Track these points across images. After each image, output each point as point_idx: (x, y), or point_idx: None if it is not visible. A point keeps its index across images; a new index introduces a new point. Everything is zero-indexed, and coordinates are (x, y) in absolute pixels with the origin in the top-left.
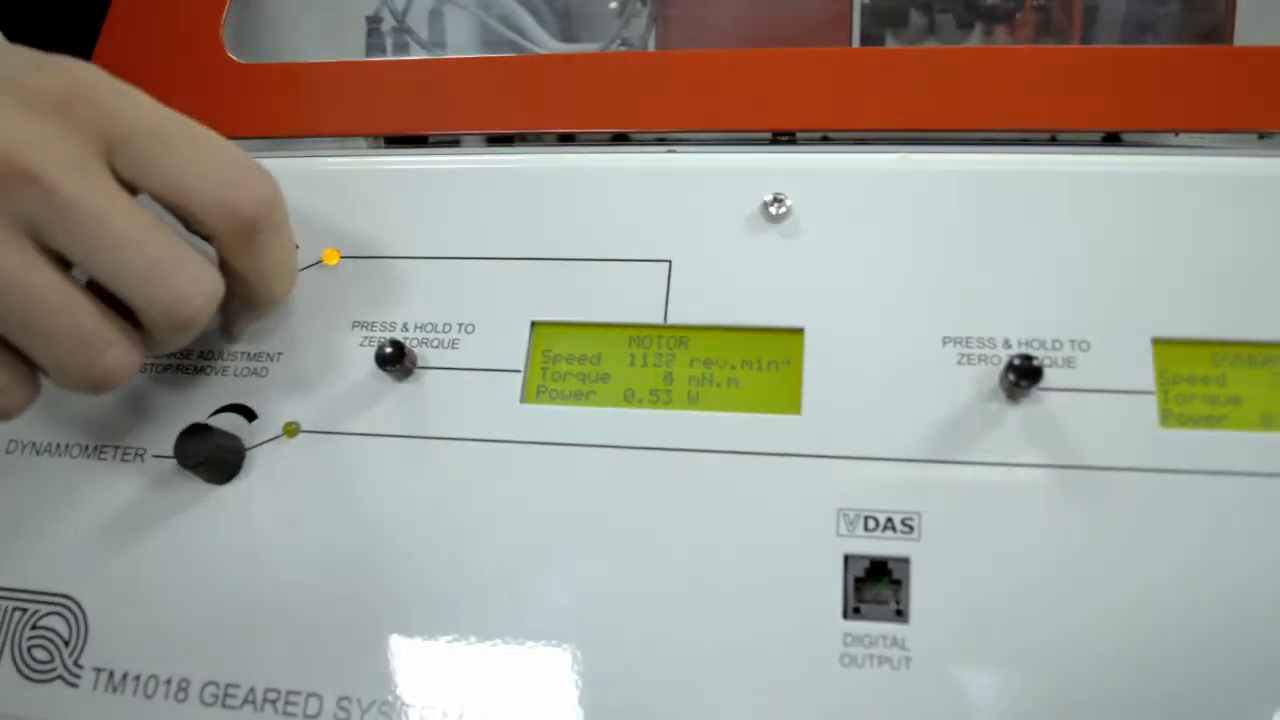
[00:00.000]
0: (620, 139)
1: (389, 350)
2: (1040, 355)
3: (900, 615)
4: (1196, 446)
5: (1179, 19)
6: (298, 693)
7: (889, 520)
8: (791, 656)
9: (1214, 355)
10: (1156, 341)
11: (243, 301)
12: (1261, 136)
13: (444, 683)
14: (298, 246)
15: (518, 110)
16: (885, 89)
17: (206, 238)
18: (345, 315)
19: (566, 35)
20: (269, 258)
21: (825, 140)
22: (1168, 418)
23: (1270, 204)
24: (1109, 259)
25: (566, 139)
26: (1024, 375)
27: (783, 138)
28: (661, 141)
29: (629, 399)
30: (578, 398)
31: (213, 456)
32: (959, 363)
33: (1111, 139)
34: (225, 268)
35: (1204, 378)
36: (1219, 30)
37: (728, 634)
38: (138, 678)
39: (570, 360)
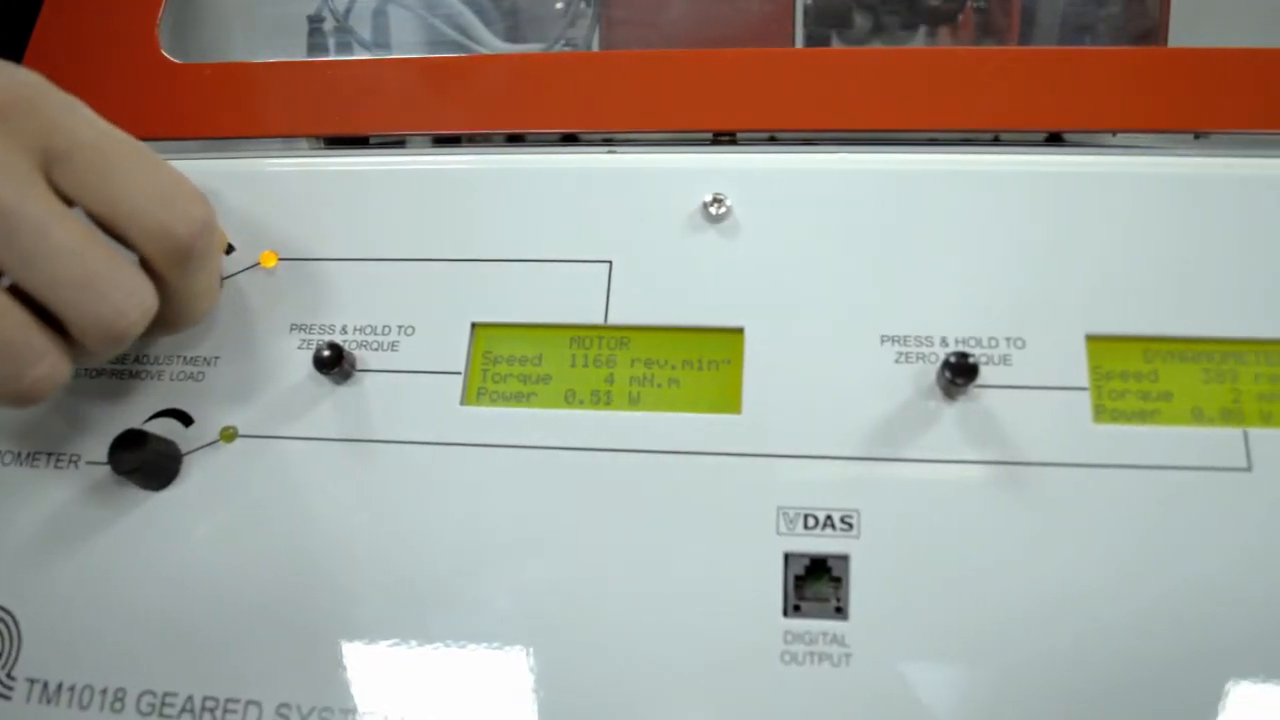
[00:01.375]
0: (569, 139)
1: (327, 353)
2: (977, 353)
3: (840, 612)
4: (1129, 441)
5: (1115, 21)
6: (236, 700)
7: (828, 518)
8: (733, 655)
9: (1146, 351)
10: (1090, 338)
11: (160, 320)
12: (1197, 136)
13: (385, 688)
14: (234, 249)
15: (461, 111)
16: (827, 90)
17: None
18: (283, 318)
19: (510, 35)
20: (198, 282)
21: (772, 140)
22: (1101, 413)
23: (1203, 202)
24: (1045, 257)
25: (514, 139)
26: (960, 373)
27: (723, 138)
28: (608, 142)
29: (570, 400)
30: (519, 399)
31: (148, 463)
32: (897, 361)
33: (1054, 139)
34: None
35: (1136, 374)
36: (1154, 32)
37: (669, 634)
38: (73, 688)
39: (511, 361)
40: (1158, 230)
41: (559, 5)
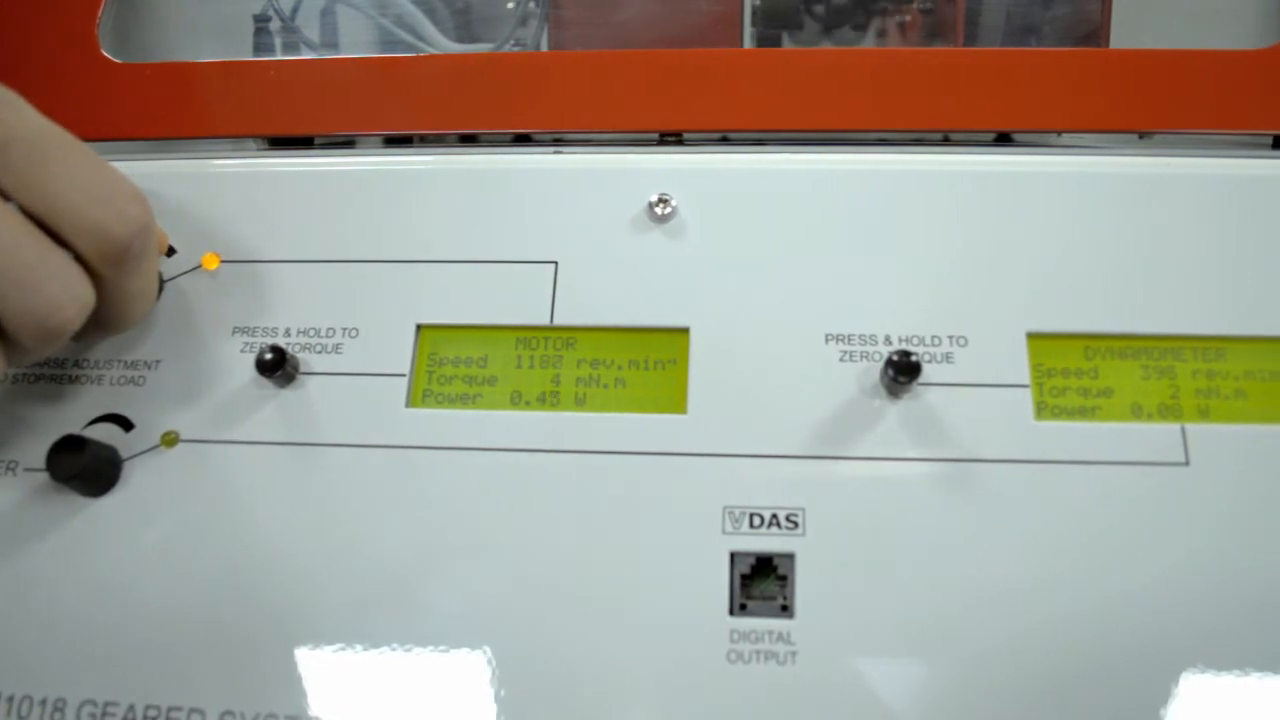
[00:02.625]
0: (522, 140)
1: (269, 356)
2: (920, 351)
3: (786, 610)
4: (1070, 438)
5: (1058, 23)
6: (179, 708)
7: (774, 517)
8: (679, 655)
9: (1087, 349)
10: (1031, 336)
11: (96, 321)
12: (1142, 136)
13: (332, 694)
14: (175, 251)
15: (407, 111)
16: (775, 90)
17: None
18: (225, 321)
19: (459, 35)
20: (133, 283)
21: (724, 141)
22: (1042, 410)
23: (1145, 201)
24: (989, 256)
25: (467, 140)
26: (902, 371)
27: (670, 138)
28: (559, 142)
29: (516, 401)
30: (464, 401)
31: (87, 469)
32: (841, 360)
33: (1003, 139)
34: None
35: (1077, 370)
36: (1096, 34)
37: (616, 635)
38: (10, 699)
39: (456, 363)
40: (1100, 229)
41: (510, 5)
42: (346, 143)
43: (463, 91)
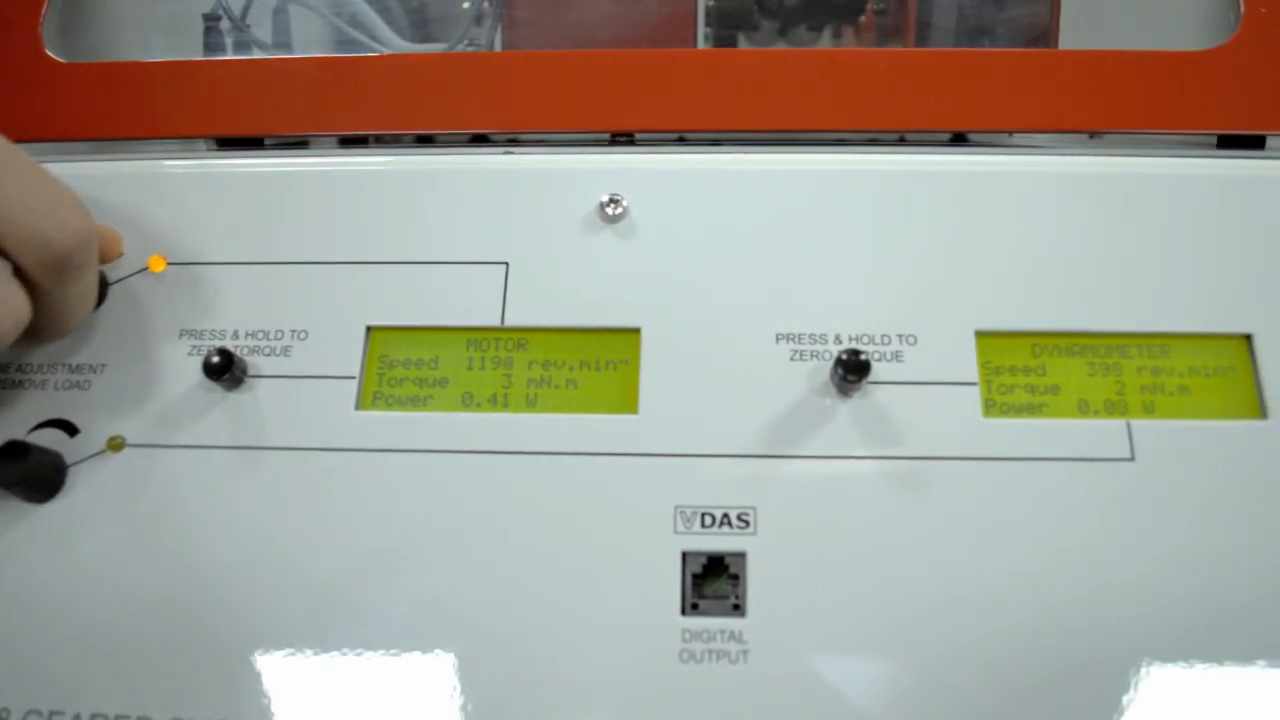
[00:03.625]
0: (480, 140)
1: (216, 360)
2: (869, 350)
3: (738, 609)
4: (1018, 434)
5: (1008, 24)
6: (126, 716)
7: (725, 516)
8: (632, 655)
9: (1034, 346)
10: (980, 334)
11: (32, 329)
12: (1092, 136)
13: (283, 698)
14: (122, 253)
15: (360, 111)
16: (728, 90)
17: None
18: (172, 324)
19: (412, 35)
20: (72, 294)
21: (681, 141)
22: (991, 407)
23: (1092, 200)
24: (939, 255)
25: (424, 140)
26: (852, 370)
27: (621, 138)
28: (514, 142)
29: (467, 403)
30: (415, 403)
31: (31, 474)
32: (792, 359)
33: (959, 139)
34: None
35: (1025, 368)
36: (1045, 35)
37: (569, 636)
38: None
39: (407, 365)
40: (1048, 228)
41: (465, 5)
42: (300, 143)
43: (415, 91)
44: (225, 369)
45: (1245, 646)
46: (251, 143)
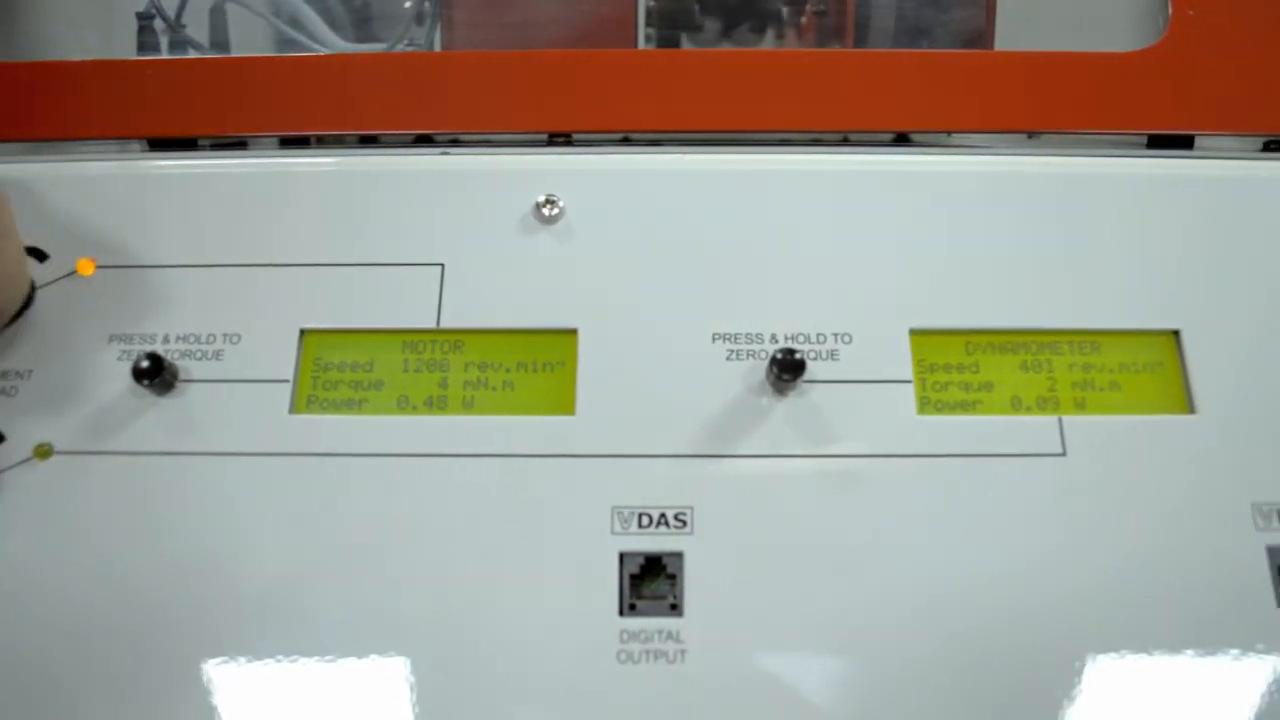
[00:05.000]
0: (424, 140)
1: (146, 364)
2: (805, 349)
3: (675, 609)
4: (952, 431)
5: (944, 26)
6: None
7: (662, 516)
8: (570, 657)
9: (968, 344)
10: (914, 332)
11: None
12: (1030, 136)
13: (217, 706)
14: (48, 256)
15: (294, 111)
16: (668, 91)
17: None
18: (101, 328)
19: (350, 35)
20: None
21: (626, 141)
22: (925, 405)
23: (1028, 199)
24: (873, 254)
25: (368, 140)
26: (786, 369)
27: (558, 139)
28: (455, 143)
29: (403, 405)
30: (350, 406)
31: None
32: (728, 359)
33: (902, 139)
34: None
35: (959, 365)
36: (981, 37)
37: (506, 638)
38: None
39: (342, 368)
40: (983, 227)
41: (406, 4)
42: (238, 144)
43: (352, 92)
44: (155, 373)
45: (1175, 636)
46: (185, 144)
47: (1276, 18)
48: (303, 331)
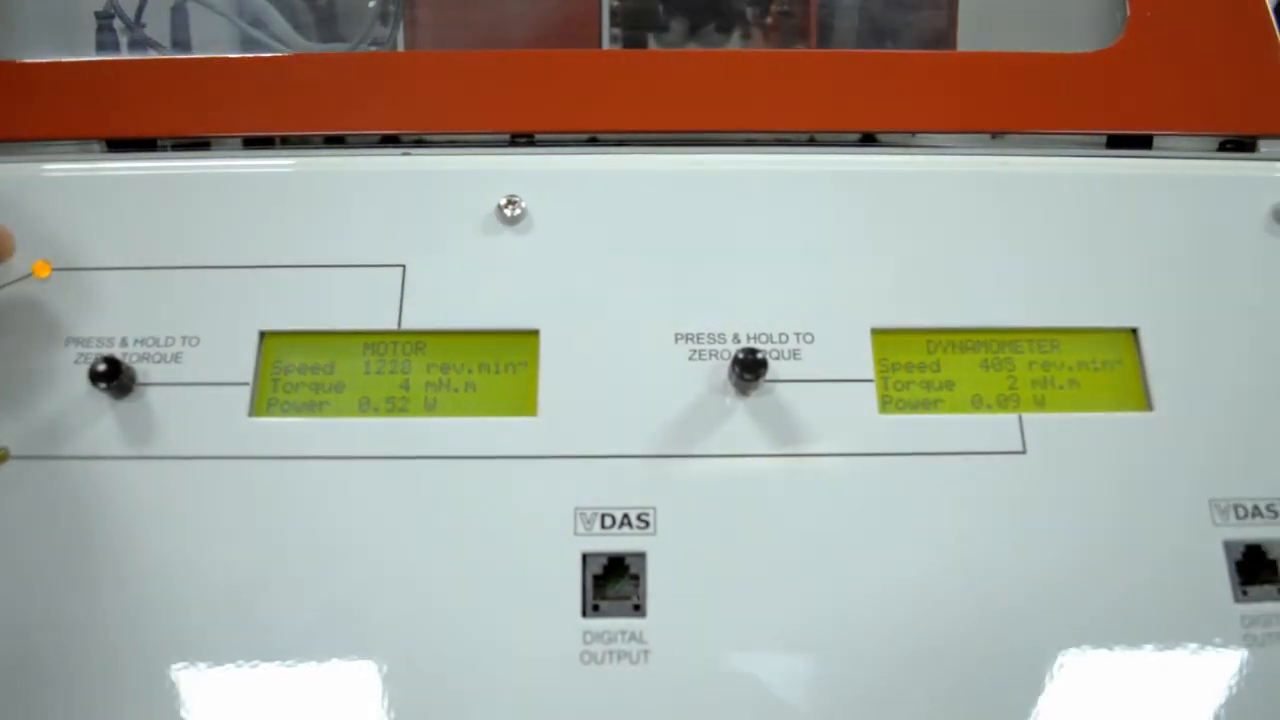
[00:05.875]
0: (391, 141)
1: (103, 367)
2: (767, 349)
3: (638, 610)
4: (913, 429)
5: (908, 28)
6: None
7: (625, 516)
8: (533, 659)
9: (929, 342)
10: (875, 331)
11: None
12: (994, 136)
13: (181, 708)
14: (13, 253)
15: (257, 111)
16: (631, 91)
17: None
18: (57, 331)
19: (312, 35)
20: None
21: (593, 142)
22: (887, 403)
23: (989, 199)
24: (836, 254)
25: (333, 141)
26: (748, 369)
27: (521, 139)
28: (420, 143)
29: (364, 408)
30: (310, 408)
31: None
32: (691, 359)
33: (868, 139)
34: None
35: (920, 364)
36: (944, 37)
37: (469, 641)
38: None
39: (302, 370)
40: (944, 226)
41: (370, 4)
42: (199, 144)
43: (313, 91)
44: (113, 376)
45: (1135, 630)
46: (145, 144)
47: (1231, 19)
48: (262, 334)
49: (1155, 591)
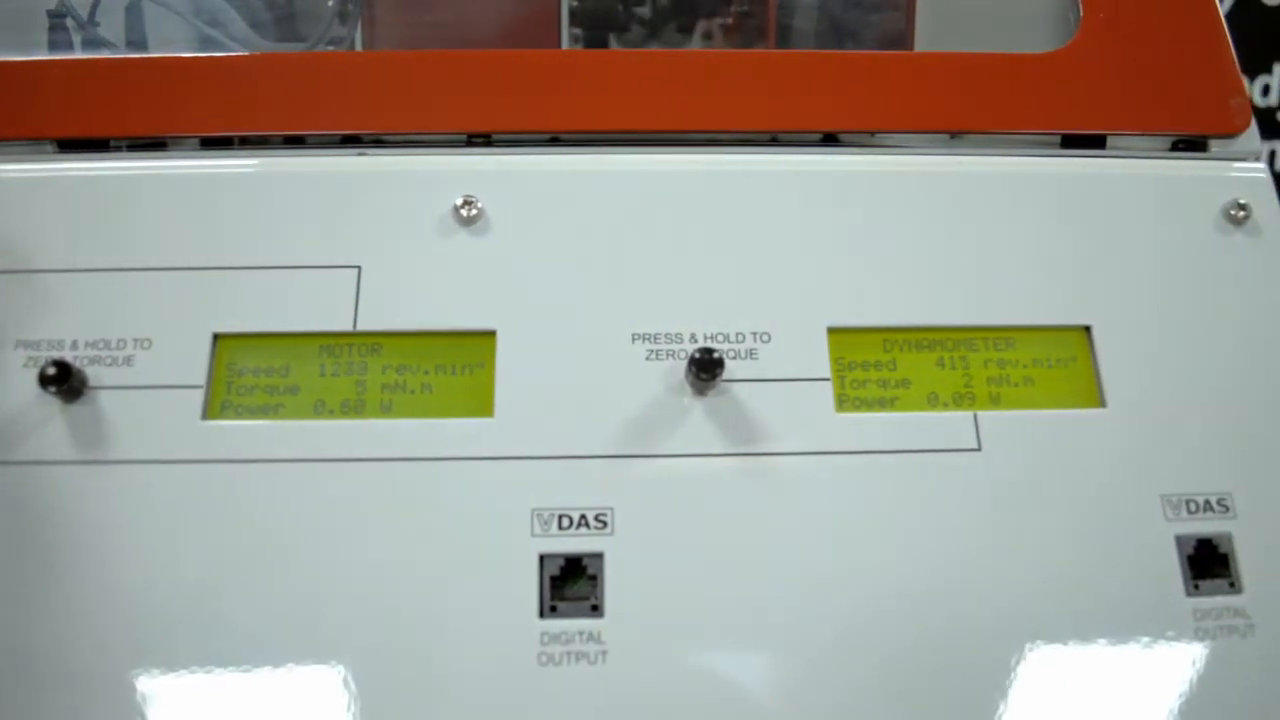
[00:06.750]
0: (352, 141)
1: (52, 370)
2: (724, 348)
3: (596, 610)
4: (870, 428)
5: (866, 28)
6: None
7: (583, 517)
8: (490, 661)
9: (885, 341)
10: (832, 330)
11: None
12: (953, 136)
13: (135, 717)
14: None
15: (211, 111)
16: (587, 91)
17: None
18: (6, 334)
19: (267, 34)
20: None
21: (555, 142)
22: (844, 402)
23: (944, 198)
24: (792, 253)
25: (293, 141)
26: (704, 368)
27: (478, 139)
28: (379, 143)
29: (320, 410)
30: (265, 411)
31: None
32: (648, 358)
33: (830, 139)
34: None
35: (876, 363)
36: (901, 39)
37: (427, 642)
38: None
39: (256, 373)
40: (900, 225)
41: (330, 3)
42: (155, 144)
43: (269, 91)
44: (63, 380)
45: (1088, 624)
46: (97, 145)
47: (1184, 21)
48: (216, 336)
49: (1108, 586)
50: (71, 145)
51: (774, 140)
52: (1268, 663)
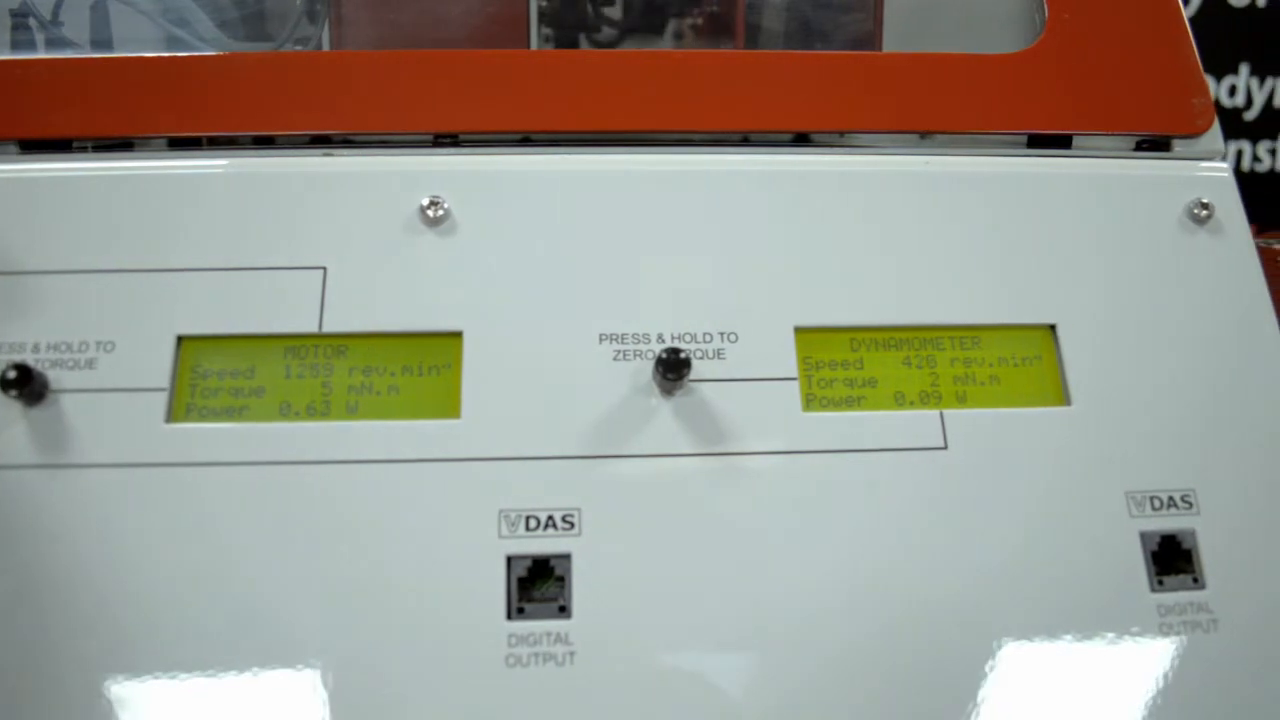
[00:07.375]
0: (321, 141)
1: (13, 374)
2: (691, 348)
3: (564, 611)
4: (837, 427)
5: (837, 28)
6: None
7: (550, 518)
8: (458, 662)
9: (852, 340)
10: (799, 330)
11: None
12: (923, 136)
13: None
14: None
15: (177, 112)
16: (554, 91)
17: None
18: None
19: (234, 34)
20: None
21: (526, 142)
22: (811, 401)
23: (910, 198)
24: (759, 253)
25: (262, 141)
26: (671, 369)
27: (445, 140)
28: (349, 143)
29: (285, 412)
30: (230, 414)
31: None
32: (615, 359)
33: (801, 139)
34: None
35: (843, 362)
36: (870, 39)
37: (393, 645)
38: None
39: (221, 375)
40: (867, 225)
41: (297, 2)
42: (122, 145)
43: (232, 91)
44: (24, 384)
45: (1055, 620)
46: (60, 146)
47: (1147, 22)
48: (180, 338)
49: (1073, 582)
50: (35, 146)
51: (745, 140)
52: (1231, 657)
